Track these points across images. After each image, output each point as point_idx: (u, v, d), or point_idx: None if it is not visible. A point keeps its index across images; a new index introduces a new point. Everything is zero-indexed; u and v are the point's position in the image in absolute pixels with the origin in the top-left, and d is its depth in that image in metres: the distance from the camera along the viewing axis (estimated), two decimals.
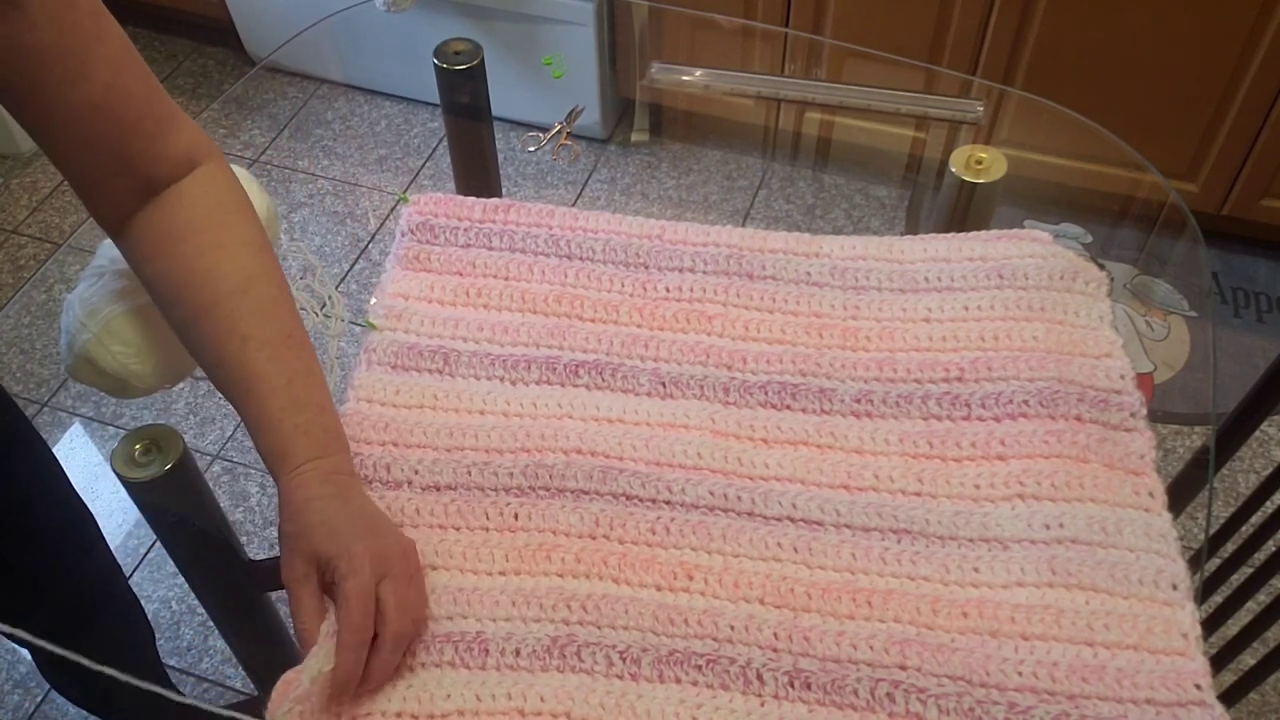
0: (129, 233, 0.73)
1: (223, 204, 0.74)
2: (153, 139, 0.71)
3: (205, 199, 0.73)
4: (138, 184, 0.71)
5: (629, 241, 0.95)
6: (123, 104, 0.69)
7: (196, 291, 0.71)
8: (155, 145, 0.71)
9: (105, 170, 0.70)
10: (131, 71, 0.69)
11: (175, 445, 0.81)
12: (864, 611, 0.71)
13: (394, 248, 0.97)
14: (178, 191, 0.72)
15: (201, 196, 0.73)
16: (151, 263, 0.72)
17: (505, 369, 0.87)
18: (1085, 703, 0.66)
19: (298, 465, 0.69)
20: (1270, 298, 1.91)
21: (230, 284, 0.71)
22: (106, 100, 0.67)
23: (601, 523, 0.76)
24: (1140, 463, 0.78)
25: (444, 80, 1.12)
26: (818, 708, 0.67)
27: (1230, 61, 1.68)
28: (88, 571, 1.07)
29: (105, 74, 0.67)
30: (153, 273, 0.72)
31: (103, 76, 0.67)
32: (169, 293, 0.72)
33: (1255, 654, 0.99)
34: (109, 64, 0.67)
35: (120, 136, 0.69)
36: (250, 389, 0.70)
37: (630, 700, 0.67)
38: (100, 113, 0.67)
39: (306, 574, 0.66)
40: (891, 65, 1.42)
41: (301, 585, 0.66)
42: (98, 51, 0.66)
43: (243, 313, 0.71)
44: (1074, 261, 0.90)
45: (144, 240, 0.72)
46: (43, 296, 1.98)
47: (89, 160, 0.69)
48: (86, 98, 0.66)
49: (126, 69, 0.69)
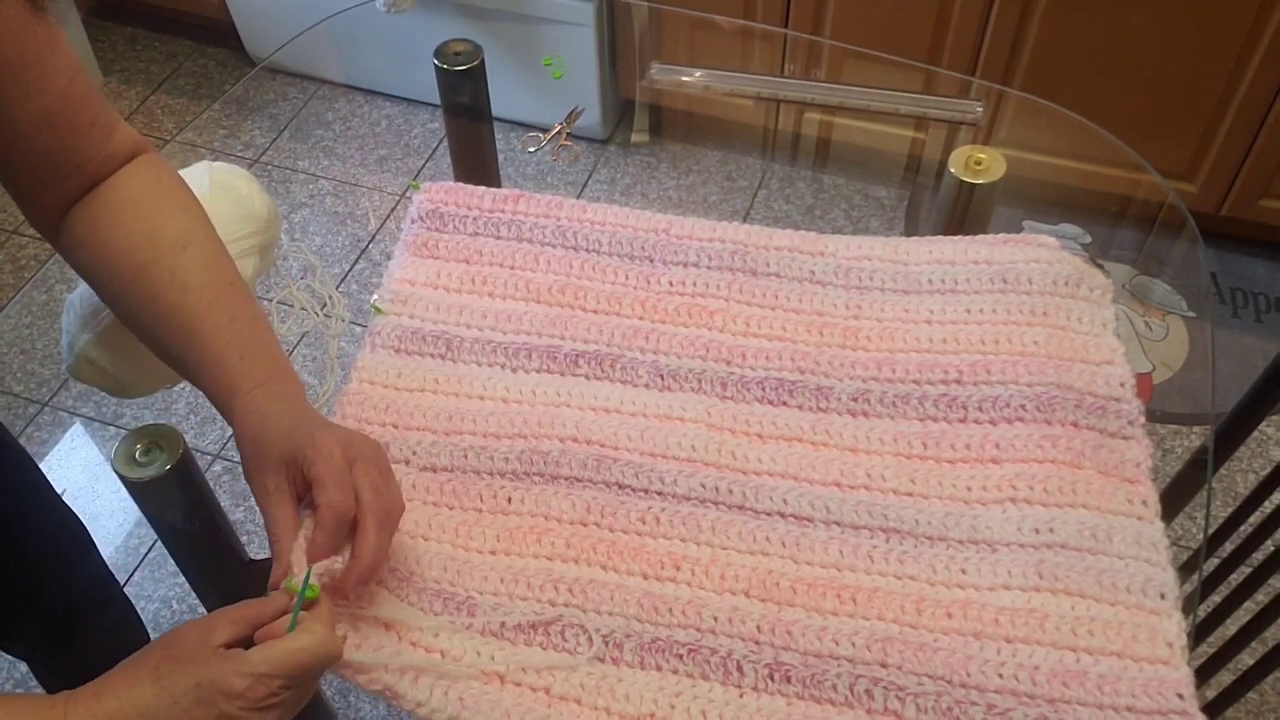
0: (66, 224, 0.73)
1: (160, 179, 0.74)
2: (103, 141, 0.71)
3: (144, 176, 0.74)
4: (83, 185, 0.72)
5: (634, 235, 0.96)
6: (77, 110, 0.69)
7: (135, 253, 0.70)
8: (105, 147, 0.72)
9: (54, 175, 0.70)
10: (82, 77, 0.69)
11: (176, 445, 0.81)
12: (848, 608, 0.72)
13: (403, 234, 0.99)
14: (115, 178, 0.73)
15: (140, 174, 0.73)
16: (90, 239, 0.72)
17: (506, 356, 0.88)
18: (1065, 707, 0.66)
19: (247, 391, 0.68)
20: (1269, 298, 1.92)
21: (169, 241, 0.71)
22: (63, 108, 0.67)
23: (593, 510, 0.77)
24: (1135, 471, 0.78)
25: (444, 81, 1.12)
26: (796, 701, 0.68)
27: (1229, 62, 1.68)
28: (80, 582, 1.06)
29: (61, 82, 0.67)
30: (91, 249, 0.72)
31: (59, 85, 0.67)
32: (108, 263, 0.71)
33: (1254, 654, 0.99)
34: (64, 72, 0.67)
35: (74, 142, 0.69)
36: (194, 331, 0.69)
37: (610, 683, 0.68)
38: (57, 120, 0.68)
39: (277, 486, 0.64)
40: (891, 66, 1.42)
41: (271, 499, 0.64)
42: (52, 61, 0.66)
43: (183, 264, 0.70)
44: (1079, 267, 0.90)
45: (82, 222, 0.72)
46: (43, 296, 1.98)
47: (38, 166, 0.69)
48: (44, 106, 0.66)
49: (79, 75, 0.69)
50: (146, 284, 0.70)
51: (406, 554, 0.75)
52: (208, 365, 0.69)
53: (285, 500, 0.64)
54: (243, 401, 0.68)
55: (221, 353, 0.69)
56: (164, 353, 0.72)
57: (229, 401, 0.68)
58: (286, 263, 1.10)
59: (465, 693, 0.66)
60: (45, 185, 0.71)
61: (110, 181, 0.73)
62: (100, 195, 0.72)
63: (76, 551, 1.05)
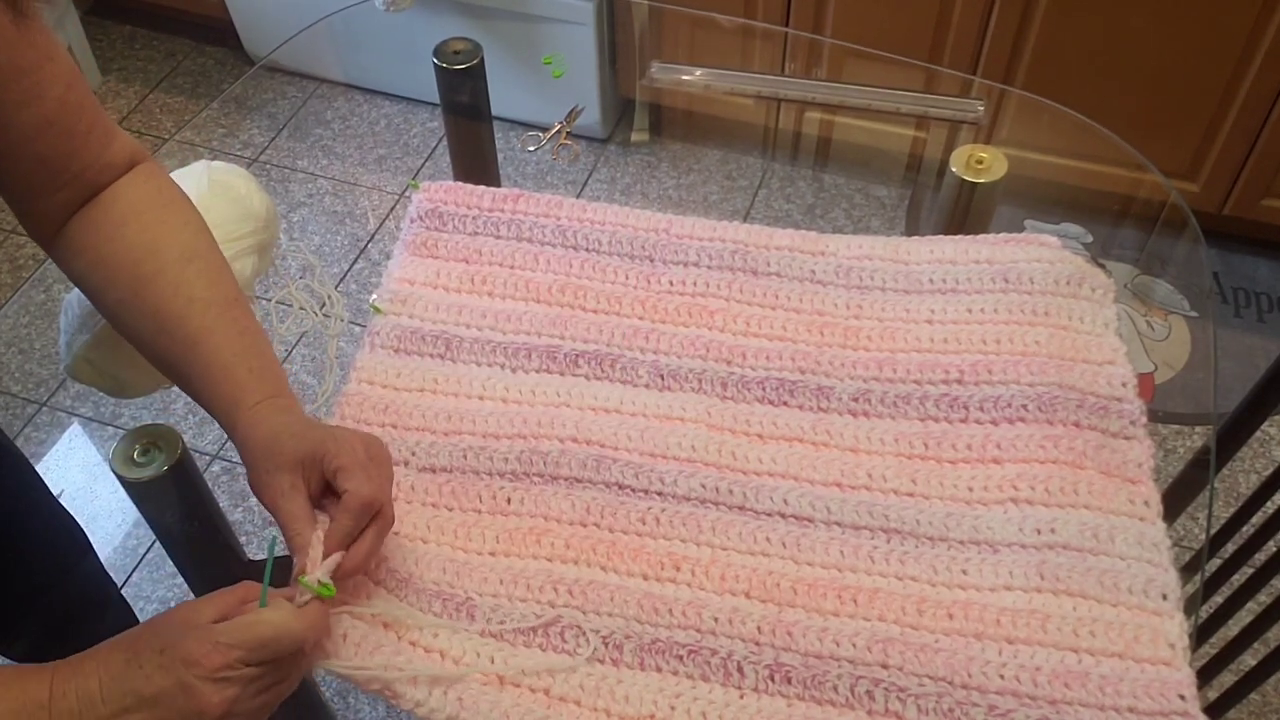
0: (64, 234, 0.73)
1: (162, 191, 0.75)
2: (101, 149, 0.71)
3: (146, 187, 0.74)
4: (81, 193, 0.72)
5: (634, 234, 0.96)
6: (75, 117, 0.69)
7: (139, 265, 0.71)
8: (103, 155, 0.72)
9: (51, 183, 0.70)
10: (80, 84, 0.69)
11: (174, 445, 0.81)
12: (849, 609, 0.72)
13: (402, 233, 0.98)
14: (115, 188, 0.73)
15: (142, 186, 0.74)
16: (89, 250, 0.72)
17: (506, 356, 0.88)
18: (1067, 708, 0.66)
19: (255, 403, 0.69)
20: (1271, 298, 1.91)
21: (174, 254, 0.72)
22: (60, 115, 0.68)
23: (593, 510, 0.77)
24: (1137, 471, 0.78)
25: (444, 80, 1.12)
26: (797, 702, 0.67)
27: (1231, 61, 1.67)
28: (78, 583, 1.06)
29: (59, 89, 0.67)
30: (91, 259, 0.72)
31: (56, 92, 0.67)
32: (109, 273, 0.72)
33: (1256, 654, 0.99)
34: (61, 79, 0.67)
35: (71, 150, 0.69)
36: (199, 342, 0.70)
37: (610, 685, 0.68)
38: (53, 128, 0.68)
39: (293, 484, 0.65)
40: (892, 65, 1.42)
41: (287, 496, 0.65)
42: (49, 68, 0.67)
43: (189, 277, 0.71)
44: (1080, 267, 0.90)
45: (83, 233, 0.72)
46: (42, 296, 1.98)
47: (35, 173, 0.69)
48: (42, 114, 0.67)
49: (76, 83, 0.69)
50: (150, 295, 0.70)
51: (406, 555, 0.74)
52: (214, 376, 0.70)
53: (302, 498, 0.65)
54: (250, 413, 0.69)
55: (229, 365, 0.70)
56: (162, 361, 0.72)
57: (233, 411, 0.69)
58: (285, 262, 1.10)
59: (465, 693, 0.66)
60: (42, 193, 0.71)
61: (110, 192, 0.73)
62: (100, 205, 0.72)
63: (75, 554, 1.04)
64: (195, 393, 0.71)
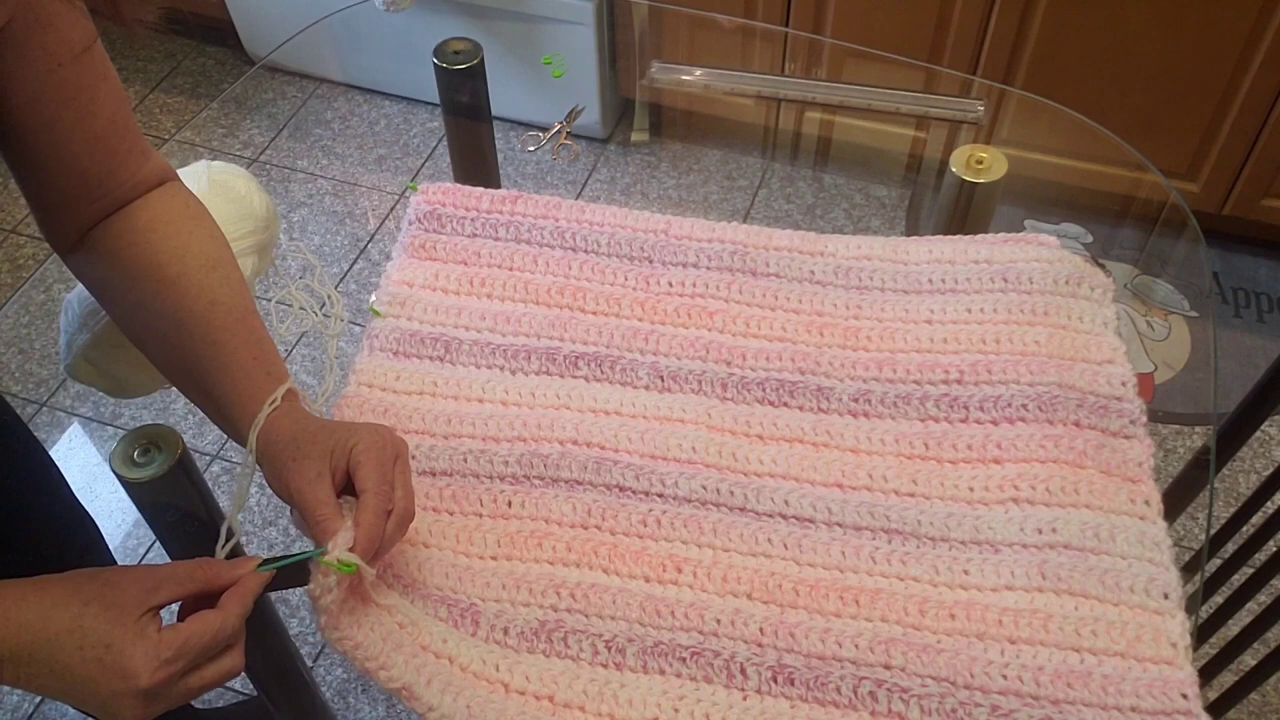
0: (86, 241, 0.74)
1: (188, 204, 0.77)
2: (137, 168, 0.73)
3: (173, 201, 0.76)
4: (110, 207, 0.73)
5: (633, 236, 0.95)
6: (120, 136, 0.71)
7: (163, 268, 0.72)
8: (138, 174, 0.73)
9: (86, 196, 0.71)
10: (126, 104, 0.71)
11: (174, 445, 0.80)
12: (851, 610, 0.72)
13: (400, 236, 0.98)
14: (142, 199, 0.74)
15: (169, 199, 0.75)
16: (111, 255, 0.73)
17: (505, 358, 0.87)
18: (1069, 708, 0.66)
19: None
20: (1271, 298, 1.91)
21: (199, 261, 0.73)
22: (108, 133, 0.70)
23: (593, 513, 0.77)
24: (1138, 470, 0.78)
25: (444, 80, 1.12)
26: (800, 704, 0.67)
27: (1231, 60, 1.67)
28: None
29: (109, 108, 0.69)
30: (112, 263, 0.73)
31: (107, 110, 0.69)
32: (130, 276, 0.73)
33: (1256, 654, 0.99)
34: (112, 98, 0.70)
35: (112, 167, 0.71)
36: (219, 343, 0.71)
37: (614, 689, 0.68)
38: (101, 144, 0.70)
39: (319, 473, 0.66)
40: (891, 65, 1.42)
41: (314, 484, 0.65)
42: (104, 87, 0.69)
43: (212, 283, 0.73)
44: (1079, 266, 0.90)
45: (106, 238, 0.73)
46: (42, 296, 1.98)
47: (73, 186, 0.71)
48: (93, 131, 0.69)
49: (124, 102, 0.71)
50: (172, 295, 0.71)
51: (409, 561, 0.74)
52: (232, 375, 0.70)
53: (328, 486, 0.66)
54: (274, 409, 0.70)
55: (248, 366, 0.71)
56: (175, 361, 0.73)
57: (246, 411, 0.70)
58: (285, 262, 1.10)
59: (472, 700, 0.66)
60: (74, 205, 0.72)
61: (138, 203, 0.74)
62: (127, 214, 0.74)
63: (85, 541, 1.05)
64: (209, 391, 0.71)
